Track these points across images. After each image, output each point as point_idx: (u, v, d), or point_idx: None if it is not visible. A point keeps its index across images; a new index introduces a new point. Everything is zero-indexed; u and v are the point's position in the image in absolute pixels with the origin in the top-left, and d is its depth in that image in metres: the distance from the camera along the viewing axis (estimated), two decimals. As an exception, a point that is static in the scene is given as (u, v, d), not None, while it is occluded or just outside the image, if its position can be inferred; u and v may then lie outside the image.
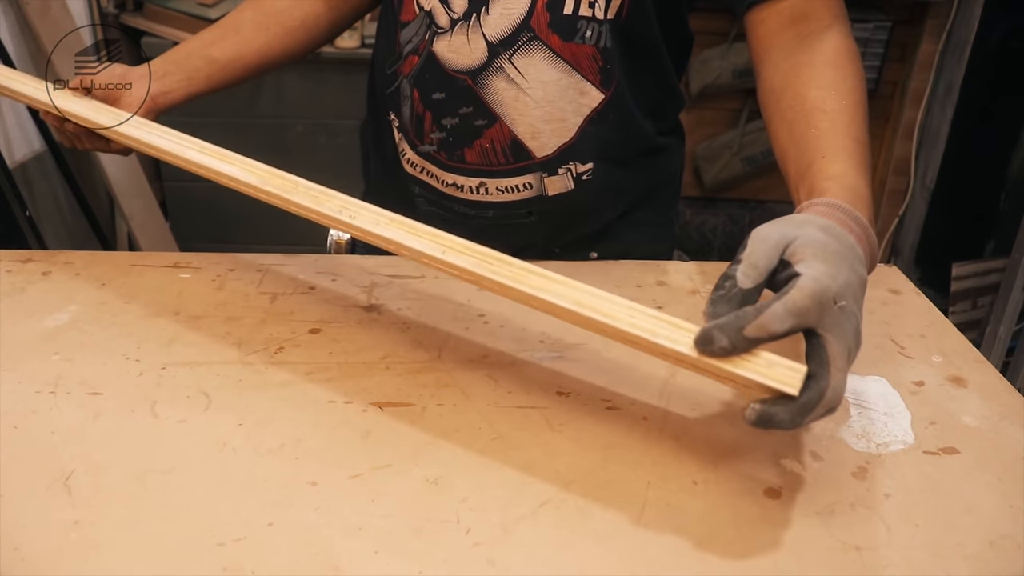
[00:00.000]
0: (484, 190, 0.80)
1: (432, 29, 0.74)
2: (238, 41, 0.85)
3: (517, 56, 0.73)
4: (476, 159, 0.78)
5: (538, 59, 0.73)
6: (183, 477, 0.52)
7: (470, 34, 0.72)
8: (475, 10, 0.72)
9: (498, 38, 0.72)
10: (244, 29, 0.86)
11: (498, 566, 0.47)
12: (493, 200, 0.81)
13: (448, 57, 0.74)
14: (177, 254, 0.80)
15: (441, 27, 0.73)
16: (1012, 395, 0.64)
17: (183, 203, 2.37)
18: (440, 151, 0.79)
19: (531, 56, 0.73)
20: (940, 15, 2.18)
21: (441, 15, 0.72)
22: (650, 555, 0.48)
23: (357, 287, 0.74)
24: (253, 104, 2.25)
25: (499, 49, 0.73)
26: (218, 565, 0.46)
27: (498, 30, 0.72)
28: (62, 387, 0.60)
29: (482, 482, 0.53)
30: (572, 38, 0.73)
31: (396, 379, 0.62)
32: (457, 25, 0.72)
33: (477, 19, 0.72)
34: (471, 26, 0.72)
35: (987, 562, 0.48)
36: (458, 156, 0.79)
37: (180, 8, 2.10)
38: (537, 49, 0.73)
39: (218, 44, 0.85)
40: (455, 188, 0.81)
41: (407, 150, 0.82)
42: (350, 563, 0.47)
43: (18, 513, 0.49)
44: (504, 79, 0.74)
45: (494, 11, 0.71)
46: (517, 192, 0.80)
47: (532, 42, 0.73)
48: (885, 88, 2.33)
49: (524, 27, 0.72)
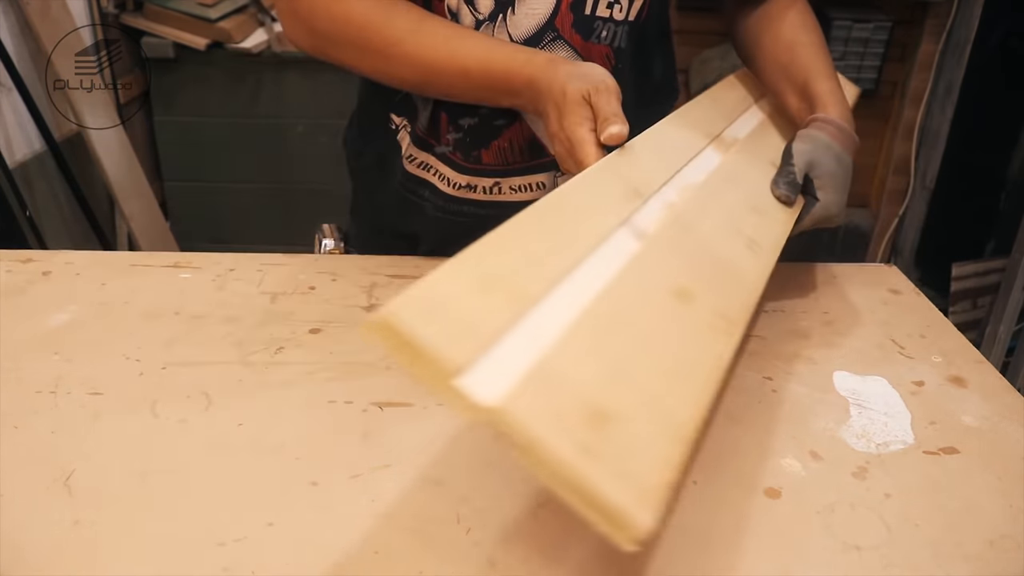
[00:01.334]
0: (498, 189, 0.81)
1: None
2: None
3: None
4: (493, 159, 0.79)
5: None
6: (183, 477, 0.52)
7: (496, 34, 0.73)
8: (501, 10, 0.72)
9: (523, 37, 0.73)
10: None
11: (498, 566, 0.47)
12: (506, 200, 0.81)
13: None
14: (177, 254, 0.80)
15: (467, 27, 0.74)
16: (1012, 395, 0.64)
17: (183, 203, 2.38)
18: (455, 151, 0.79)
19: (554, 55, 0.74)
20: (940, 15, 2.18)
21: (466, 16, 0.73)
22: (650, 555, 0.48)
23: (357, 287, 0.74)
24: (253, 104, 2.25)
25: None
26: (218, 565, 0.46)
27: (523, 30, 0.73)
28: (62, 387, 0.60)
29: (482, 482, 0.53)
30: (590, 37, 0.74)
31: (396, 379, 0.62)
32: (483, 26, 0.73)
33: (503, 19, 0.73)
34: (496, 26, 0.73)
35: (987, 562, 0.49)
36: (475, 157, 0.79)
37: (180, 8, 2.10)
38: (560, 48, 0.74)
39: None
40: (468, 189, 0.81)
41: (416, 153, 0.82)
42: (350, 563, 0.47)
43: (18, 513, 0.49)
44: None
45: (520, 11, 0.72)
46: (530, 191, 0.81)
47: (556, 41, 0.73)
48: (885, 88, 2.33)
49: (549, 27, 0.73)
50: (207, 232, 2.41)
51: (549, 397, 0.35)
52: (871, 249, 2.47)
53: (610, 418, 0.36)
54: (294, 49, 2.16)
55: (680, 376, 0.42)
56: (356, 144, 0.90)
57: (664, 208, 0.55)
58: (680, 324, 0.46)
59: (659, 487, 0.35)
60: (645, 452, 0.36)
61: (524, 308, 0.39)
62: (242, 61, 2.18)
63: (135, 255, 0.81)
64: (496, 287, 0.39)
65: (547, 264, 0.43)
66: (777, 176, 0.69)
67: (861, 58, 2.26)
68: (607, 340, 0.41)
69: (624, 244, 0.49)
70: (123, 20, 2.13)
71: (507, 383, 0.34)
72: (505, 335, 0.37)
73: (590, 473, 0.33)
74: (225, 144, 2.29)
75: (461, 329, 0.36)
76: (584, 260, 0.45)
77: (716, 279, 0.53)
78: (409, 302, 0.36)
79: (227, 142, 2.29)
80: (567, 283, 0.42)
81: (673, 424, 0.39)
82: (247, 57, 2.16)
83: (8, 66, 1.67)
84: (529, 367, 0.36)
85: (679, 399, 0.41)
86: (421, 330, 0.34)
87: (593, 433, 0.35)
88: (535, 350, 0.37)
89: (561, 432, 0.34)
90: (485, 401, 0.33)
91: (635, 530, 0.33)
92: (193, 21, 2.11)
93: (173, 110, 2.23)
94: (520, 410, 0.34)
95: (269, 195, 2.39)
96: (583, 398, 0.37)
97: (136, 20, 2.14)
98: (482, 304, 0.38)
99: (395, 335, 0.34)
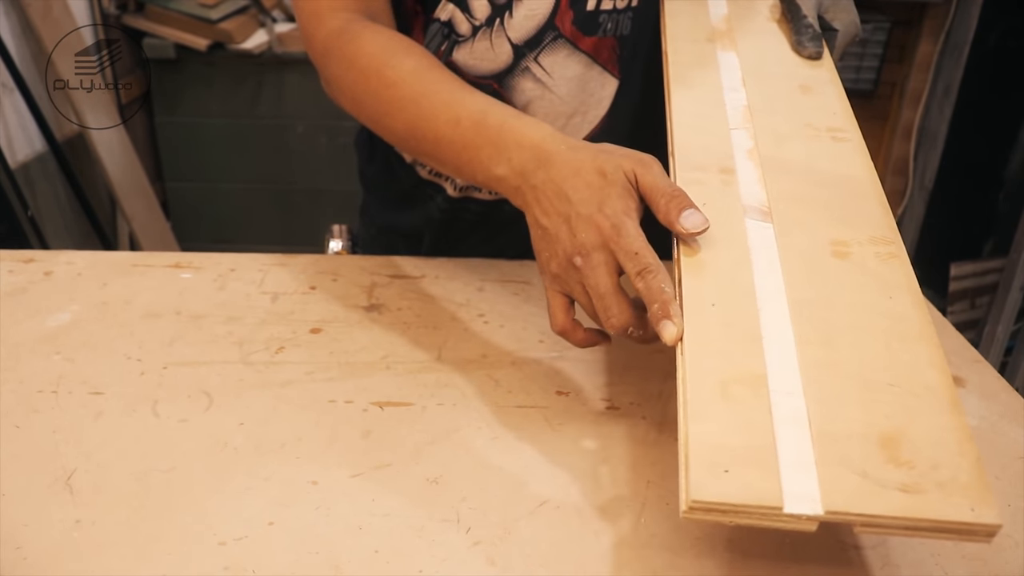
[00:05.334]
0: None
1: (452, 39, 0.74)
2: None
3: (543, 55, 0.73)
4: None
5: (562, 56, 0.74)
6: (184, 476, 0.53)
7: (494, 39, 0.72)
8: (498, 15, 0.72)
9: (523, 40, 0.72)
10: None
11: (498, 566, 0.47)
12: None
13: (471, 64, 0.74)
14: (178, 254, 0.80)
15: (462, 35, 0.73)
16: (1010, 395, 0.64)
17: (184, 203, 2.38)
18: None
19: (556, 54, 0.73)
20: (938, 16, 2.18)
21: (462, 23, 0.72)
22: (650, 555, 0.48)
23: (358, 287, 0.75)
24: (253, 104, 2.25)
25: (524, 50, 0.73)
26: (219, 564, 0.46)
27: (523, 32, 0.72)
28: (64, 387, 0.60)
29: (482, 482, 0.53)
30: (595, 32, 0.73)
31: (396, 379, 0.62)
32: (480, 31, 0.72)
33: (501, 23, 0.72)
34: (495, 31, 0.72)
35: (985, 561, 0.49)
36: None
37: (181, 9, 2.11)
38: (562, 47, 0.73)
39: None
40: (474, 189, 0.81)
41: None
42: (350, 562, 0.47)
43: (19, 512, 0.49)
44: (531, 79, 0.74)
45: (518, 14, 0.71)
46: None
47: (557, 40, 0.73)
48: (883, 89, 2.33)
49: (549, 26, 0.72)
50: (208, 232, 2.41)
51: (845, 461, 0.38)
52: (871, 249, 2.46)
53: (897, 438, 0.39)
54: (295, 50, 2.17)
55: (902, 338, 0.45)
56: (365, 148, 0.90)
57: (750, 160, 0.56)
58: (860, 282, 0.48)
59: (974, 469, 0.38)
60: (942, 447, 0.39)
61: (764, 388, 0.42)
62: (243, 62, 2.18)
63: (136, 255, 0.82)
64: (733, 390, 0.42)
65: (739, 324, 0.45)
66: (798, 36, 0.68)
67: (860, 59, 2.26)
68: (833, 357, 0.43)
69: (763, 236, 0.50)
70: (124, 21, 2.13)
71: (813, 478, 0.38)
72: (776, 431, 0.40)
73: (920, 510, 0.36)
74: (226, 144, 2.29)
75: (751, 461, 0.39)
76: (755, 287, 0.47)
77: (846, 203, 0.53)
78: (701, 472, 0.38)
79: (228, 142, 2.29)
80: (766, 328, 0.45)
81: (937, 396, 0.42)
82: (248, 58, 2.16)
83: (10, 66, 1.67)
84: (811, 444, 0.39)
85: (920, 366, 0.43)
86: (731, 492, 0.37)
87: (899, 467, 0.38)
88: (802, 422, 0.40)
89: (879, 491, 0.37)
90: (815, 511, 0.37)
91: (988, 530, 0.36)
92: (194, 22, 2.11)
93: (174, 111, 2.23)
94: (842, 499, 0.37)
95: (270, 195, 2.39)
96: (866, 437, 0.39)
97: (137, 21, 2.14)
98: (740, 418, 0.41)
99: (716, 507, 0.37)
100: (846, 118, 0.61)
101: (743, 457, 0.39)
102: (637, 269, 0.48)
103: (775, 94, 0.64)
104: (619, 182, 0.50)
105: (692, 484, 0.38)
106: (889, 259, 0.49)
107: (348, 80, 0.66)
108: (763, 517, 0.37)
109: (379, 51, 0.64)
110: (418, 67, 0.62)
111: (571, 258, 0.51)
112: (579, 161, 0.52)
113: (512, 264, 0.78)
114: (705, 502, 0.37)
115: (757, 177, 0.55)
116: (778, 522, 0.37)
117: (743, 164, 0.56)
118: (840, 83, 0.66)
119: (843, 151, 0.58)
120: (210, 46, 2.13)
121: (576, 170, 0.51)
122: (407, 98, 0.61)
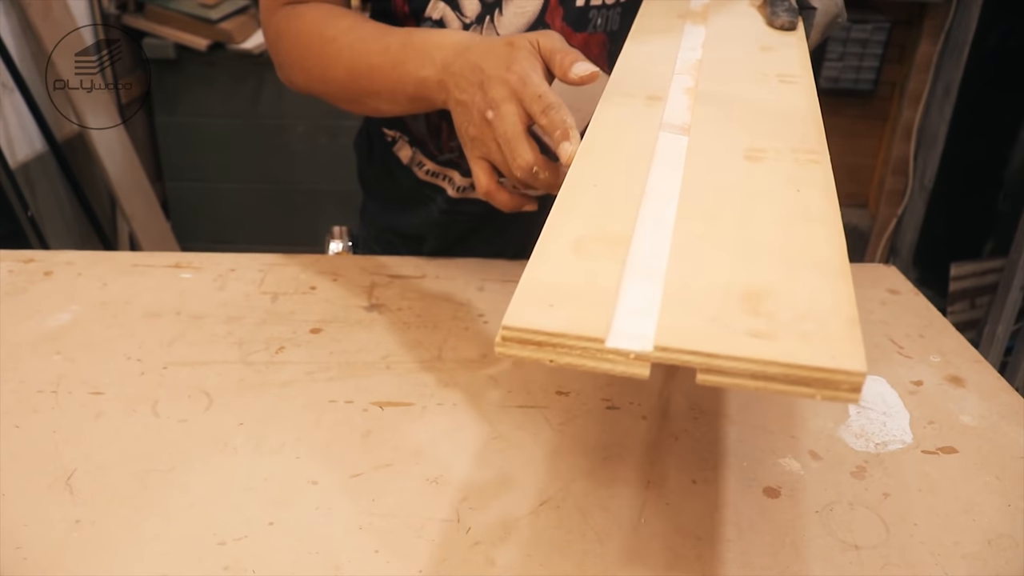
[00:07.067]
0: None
1: None
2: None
3: None
4: None
5: None
6: (184, 476, 0.53)
7: (484, 36, 0.73)
8: (488, 12, 0.72)
9: None
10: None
11: (498, 566, 0.47)
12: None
13: None
14: (178, 254, 0.80)
15: None
16: (1010, 395, 0.64)
17: (184, 203, 2.38)
18: (461, 156, 0.79)
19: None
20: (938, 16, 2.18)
21: (452, 20, 0.72)
22: (650, 555, 0.48)
23: (358, 287, 0.75)
24: (253, 104, 2.25)
25: None
26: (219, 564, 0.46)
27: (513, 29, 0.72)
28: (64, 387, 0.60)
29: (482, 482, 0.53)
30: (584, 28, 0.73)
31: (396, 379, 0.62)
32: (470, 29, 0.72)
33: (491, 21, 0.72)
34: (485, 28, 0.72)
35: (985, 561, 0.49)
36: None
37: (181, 9, 2.11)
38: None
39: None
40: (472, 189, 0.81)
41: (425, 161, 0.82)
42: (350, 562, 0.47)
43: (19, 512, 0.49)
44: None
45: (508, 11, 0.71)
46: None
47: None
48: (884, 89, 2.33)
49: (539, 23, 0.72)
50: (208, 232, 2.41)
51: (696, 308, 0.34)
52: (869, 249, 2.47)
53: (763, 293, 0.35)
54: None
55: (800, 220, 0.41)
56: (364, 149, 0.90)
57: (686, 94, 0.54)
58: (768, 178, 0.44)
59: (847, 325, 0.33)
60: (815, 304, 0.34)
61: (624, 247, 0.38)
62: (243, 62, 2.18)
63: (136, 255, 0.82)
64: (588, 246, 0.38)
65: (618, 200, 0.42)
66: (772, 7, 0.68)
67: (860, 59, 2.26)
68: (714, 230, 0.39)
69: (674, 143, 0.48)
70: (124, 21, 2.13)
71: (652, 319, 0.33)
72: (623, 279, 0.36)
73: (773, 355, 0.31)
74: (226, 144, 2.29)
75: (583, 299, 0.35)
76: (648, 177, 0.44)
77: (774, 124, 0.51)
78: (524, 303, 0.34)
79: (228, 142, 2.29)
80: (646, 205, 0.41)
81: (823, 266, 0.37)
82: (248, 58, 2.16)
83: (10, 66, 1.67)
84: (661, 293, 0.35)
85: (813, 242, 0.39)
86: (550, 322, 0.33)
87: (757, 317, 0.33)
88: (657, 276, 0.36)
89: (726, 333, 0.32)
90: (643, 347, 0.32)
91: (851, 380, 0.31)
92: (194, 22, 2.11)
93: (174, 111, 2.23)
94: (678, 336, 0.32)
95: (270, 195, 2.39)
96: (727, 290, 0.35)
97: (137, 21, 2.14)
98: (586, 267, 0.37)
99: (531, 338, 0.33)
100: (802, 69, 0.58)
101: (576, 296, 0.34)
102: (541, 108, 0.54)
103: (730, 49, 0.62)
104: (524, 47, 0.57)
105: (508, 312, 0.33)
106: (809, 164, 0.45)
107: (296, 52, 0.71)
108: (584, 354, 0.33)
109: (319, 18, 0.70)
110: (354, 23, 0.68)
111: (484, 113, 0.56)
112: (491, 42, 0.59)
113: (512, 264, 0.78)
114: (519, 328, 0.33)
115: (687, 105, 0.52)
116: (602, 361, 0.32)
117: (676, 96, 0.53)
118: (807, 50, 0.64)
119: (789, 91, 0.55)
120: (210, 46, 2.13)
121: (489, 47, 0.58)
122: (344, 46, 0.67)
